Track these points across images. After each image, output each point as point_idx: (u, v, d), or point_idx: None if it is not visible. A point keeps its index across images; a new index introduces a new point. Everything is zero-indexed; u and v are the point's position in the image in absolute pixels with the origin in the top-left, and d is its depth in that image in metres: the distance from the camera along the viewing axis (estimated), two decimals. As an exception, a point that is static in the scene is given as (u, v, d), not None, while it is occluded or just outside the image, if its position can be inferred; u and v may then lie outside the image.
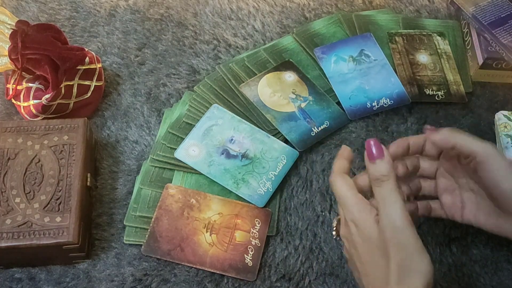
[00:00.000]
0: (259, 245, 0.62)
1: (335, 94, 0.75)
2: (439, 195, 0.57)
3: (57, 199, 0.57)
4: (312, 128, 0.71)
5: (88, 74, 0.71)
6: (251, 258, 0.61)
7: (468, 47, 0.82)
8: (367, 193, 0.50)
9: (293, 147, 0.69)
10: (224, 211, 0.63)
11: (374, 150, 0.45)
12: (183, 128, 0.70)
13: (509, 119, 0.72)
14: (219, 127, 0.70)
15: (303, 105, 0.73)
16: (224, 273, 0.59)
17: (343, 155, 0.50)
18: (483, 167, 0.49)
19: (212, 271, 0.60)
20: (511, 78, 0.79)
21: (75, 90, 0.69)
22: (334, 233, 0.52)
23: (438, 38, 0.82)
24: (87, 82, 0.70)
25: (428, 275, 0.41)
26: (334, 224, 0.52)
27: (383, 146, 0.45)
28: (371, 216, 0.44)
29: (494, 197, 0.50)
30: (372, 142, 0.45)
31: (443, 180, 0.56)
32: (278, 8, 0.87)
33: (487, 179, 0.49)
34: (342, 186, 0.47)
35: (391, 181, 0.44)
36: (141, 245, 0.61)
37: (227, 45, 0.81)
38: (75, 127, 0.63)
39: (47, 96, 0.66)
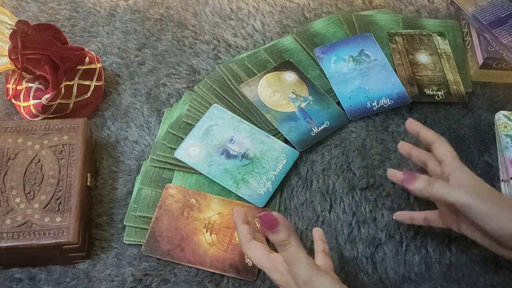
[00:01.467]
0: (259, 245, 0.62)
1: (335, 94, 0.75)
2: (438, 205, 0.58)
3: (57, 199, 0.57)
4: (312, 128, 0.71)
5: (88, 74, 0.71)
6: (251, 258, 0.61)
7: (468, 47, 0.82)
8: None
9: (293, 147, 0.69)
10: (224, 211, 0.63)
11: (272, 221, 0.47)
12: (183, 128, 0.70)
13: (509, 119, 0.72)
14: (219, 127, 0.70)
15: (303, 105, 0.73)
16: (224, 273, 0.59)
17: (238, 220, 0.53)
18: (468, 214, 0.51)
19: (212, 271, 0.60)
20: (511, 78, 0.79)
21: (75, 90, 0.69)
22: None
23: (438, 38, 0.82)
24: (87, 82, 0.70)
25: None
26: None
27: (275, 215, 0.47)
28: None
29: (485, 232, 0.52)
30: (265, 217, 0.47)
31: None
32: (278, 8, 0.87)
33: (474, 221, 0.51)
34: (257, 251, 0.51)
35: (292, 242, 0.47)
36: (141, 245, 0.61)
37: (227, 45, 0.81)
38: (75, 127, 0.63)
39: (47, 96, 0.66)
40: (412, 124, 0.59)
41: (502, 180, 0.68)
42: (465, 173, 0.53)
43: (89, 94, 0.71)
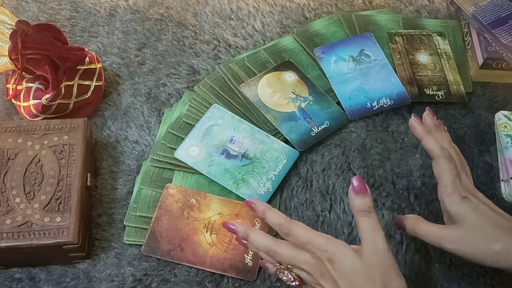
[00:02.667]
0: (259, 245, 0.62)
1: (335, 94, 0.75)
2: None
3: (57, 199, 0.57)
4: (312, 128, 0.71)
5: (88, 74, 0.71)
6: (251, 258, 0.61)
7: (468, 47, 0.82)
8: None
9: (293, 147, 0.69)
10: (224, 211, 0.63)
11: (360, 186, 0.49)
12: (183, 128, 0.70)
13: (509, 119, 0.72)
14: (219, 127, 0.70)
15: (303, 105, 0.73)
16: (224, 273, 0.59)
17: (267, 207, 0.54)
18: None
19: (212, 271, 0.60)
20: (511, 78, 0.79)
21: (75, 90, 0.69)
22: (295, 283, 0.50)
23: (438, 38, 0.82)
24: (87, 82, 0.70)
25: None
26: (286, 276, 0.50)
27: (365, 183, 0.49)
28: (347, 248, 0.48)
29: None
30: (358, 179, 0.49)
31: None
32: (278, 8, 0.87)
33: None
34: (303, 229, 0.50)
35: (374, 213, 0.48)
36: (141, 245, 0.61)
37: (227, 45, 0.81)
38: (75, 127, 0.63)
39: (47, 96, 0.66)
40: (416, 129, 0.59)
41: (502, 180, 0.68)
42: (454, 206, 0.53)
43: (89, 94, 0.71)
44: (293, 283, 0.50)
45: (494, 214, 0.52)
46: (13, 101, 0.70)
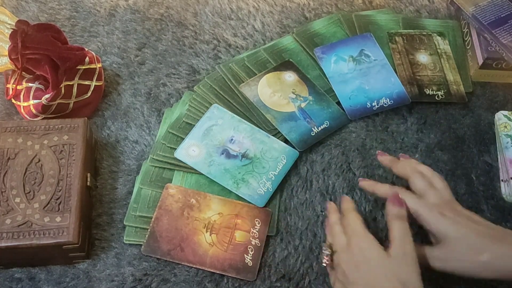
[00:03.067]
0: (259, 245, 0.62)
1: (335, 94, 0.75)
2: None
3: (57, 199, 0.57)
4: (312, 128, 0.71)
5: (88, 74, 0.71)
6: (251, 258, 0.61)
7: (468, 47, 0.82)
8: None
9: (293, 147, 0.69)
10: (224, 211, 0.63)
11: (399, 200, 0.54)
12: (183, 128, 0.70)
13: (509, 119, 0.72)
14: (219, 127, 0.70)
15: (303, 105, 0.73)
16: (224, 273, 0.59)
17: (348, 201, 0.59)
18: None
19: (212, 271, 0.60)
20: (511, 78, 0.79)
21: (75, 90, 0.69)
22: (325, 260, 0.55)
23: (438, 38, 0.82)
24: (87, 82, 0.70)
25: None
26: (328, 252, 0.55)
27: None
28: (377, 243, 0.51)
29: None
30: (397, 196, 0.54)
31: None
32: (278, 8, 0.87)
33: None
34: (357, 219, 0.54)
35: (407, 222, 0.52)
36: (141, 245, 0.61)
37: (227, 45, 0.81)
38: (75, 127, 0.63)
39: (47, 96, 0.66)
40: (383, 161, 0.62)
41: (502, 180, 0.68)
42: (433, 225, 0.53)
43: (89, 94, 0.71)
44: (324, 262, 0.55)
45: (475, 225, 0.52)
46: (13, 101, 0.70)
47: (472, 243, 0.50)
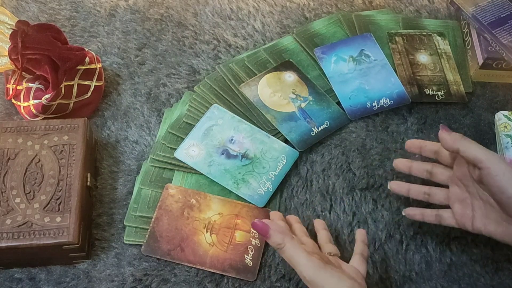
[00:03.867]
0: (259, 245, 0.62)
1: (335, 94, 0.75)
2: (451, 204, 0.57)
3: (57, 199, 0.57)
4: (312, 128, 0.71)
5: (88, 74, 0.71)
6: (251, 258, 0.61)
7: (468, 47, 0.82)
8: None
9: (293, 147, 0.69)
10: (224, 211, 0.63)
11: (261, 229, 0.49)
12: (183, 128, 0.70)
13: (509, 119, 0.72)
14: (219, 127, 0.70)
15: (303, 105, 0.73)
16: (224, 273, 0.59)
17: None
18: (487, 173, 0.49)
19: (212, 271, 0.60)
20: (511, 78, 0.79)
21: (75, 90, 0.69)
22: None
23: (438, 38, 0.82)
24: (87, 82, 0.70)
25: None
26: None
27: (266, 221, 0.50)
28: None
29: (502, 204, 0.50)
30: (257, 224, 0.49)
31: (455, 189, 0.56)
32: (278, 8, 0.87)
33: (492, 186, 0.50)
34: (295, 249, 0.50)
35: (288, 243, 0.48)
36: (141, 245, 0.61)
37: (227, 45, 0.81)
38: (75, 127, 0.63)
39: (47, 96, 0.66)
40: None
41: (502, 180, 0.68)
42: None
43: (89, 94, 0.71)
44: None
45: None
46: (13, 101, 0.70)
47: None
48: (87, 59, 0.70)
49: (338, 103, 0.74)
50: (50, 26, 0.69)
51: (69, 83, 0.68)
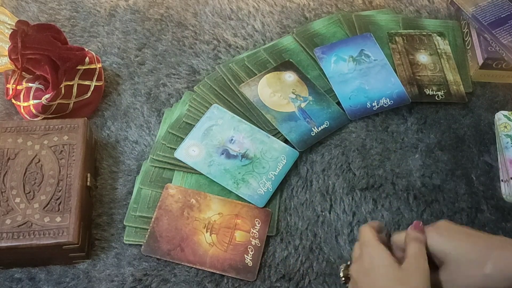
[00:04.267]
0: (259, 245, 0.62)
1: (335, 94, 0.75)
2: None
3: (57, 199, 0.57)
4: (312, 128, 0.71)
5: (88, 74, 0.71)
6: (251, 258, 0.61)
7: (468, 47, 0.82)
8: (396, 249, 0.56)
9: (293, 147, 0.69)
10: (224, 211, 0.63)
11: (421, 226, 0.52)
12: (183, 128, 0.70)
13: (509, 119, 0.72)
14: (219, 127, 0.70)
15: (303, 105, 0.73)
16: (224, 273, 0.59)
17: (373, 226, 0.55)
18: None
19: (212, 271, 0.60)
20: (511, 78, 0.79)
21: (75, 90, 0.69)
22: (341, 275, 0.55)
23: (438, 38, 0.82)
24: (87, 82, 0.70)
25: None
26: (342, 269, 0.55)
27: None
28: (389, 253, 0.50)
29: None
30: (419, 224, 0.52)
31: None
32: (278, 8, 0.87)
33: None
34: (370, 231, 0.52)
35: (425, 246, 0.50)
36: (141, 245, 0.61)
37: (227, 45, 0.81)
38: (75, 127, 0.63)
39: (47, 96, 0.66)
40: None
41: (502, 180, 0.68)
42: (434, 245, 0.51)
43: (89, 94, 0.71)
44: (341, 278, 0.55)
45: (472, 238, 0.51)
46: (13, 101, 0.70)
47: (473, 257, 0.49)
48: (87, 59, 0.70)
49: (338, 103, 0.74)
50: (50, 26, 0.69)
51: (69, 83, 0.68)
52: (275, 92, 0.74)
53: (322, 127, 0.72)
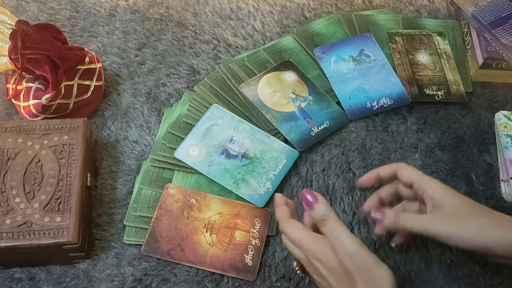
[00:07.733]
0: (259, 245, 0.62)
1: (335, 94, 0.75)
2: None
3: (57, 199, 0.57)
4: (312, 128, 0.71)
5: (88, 74, 0.71)
6: (251, 258, 0.61)
7: (468, 47, 0.82)
8: (393, 201, 0.58)
9: (293, 147, 0.69)
10: (224, 211, 0.63)
11: (309, 198, 0.50)
12: (183, 128, 0.70)
13: (509, 119, 0.72)
14: (219, 127, 0.70)
15: (303, 105, 0.73)
16: (224, 273, 0.59)
17: (279, 203, 0.54)
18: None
19: (212, 271, 0.60)
20: (511, 78, 0.79)
21: (75, 90, 0.69)
22: (298, 272, 0.56)
23: (438, 38, 0.82)
24: (87, 82, 0.70)
25: (391, 280, 0.46)
26: (295, 265, 0.56)
27: (315, 193, 0.51)
28: (329, 248, 0.48)
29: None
30: (305, 193, 0.51)
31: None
32: (278, 8, 0.87)
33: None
34: (294, 229, 0.51)
35: (332, 217, 0.49)
36: (141, 245, 0.61)
37: (227, 45, 0.81)
38: (75, 127, 0.63)
39: (47, 96, 0.66)
40: (365, 178, 0.59)
41: (502, 180, 0.68)
42: (437, 190, 0.52)
43: (89, 94, 0.71)
44: (297, 272, 0.55)
45: (471, 200, 0.52)
46: (13, 101, 0.70)
47: (473, 211, 0.50)
48: (87, 59, 0.70)
49: (338, 103, 0.74)
50: (50, 26, 0.69)
51: (69, 83, 0.68)
52: (275, 92, 0.74)
53: (322, 127, 0.72)
